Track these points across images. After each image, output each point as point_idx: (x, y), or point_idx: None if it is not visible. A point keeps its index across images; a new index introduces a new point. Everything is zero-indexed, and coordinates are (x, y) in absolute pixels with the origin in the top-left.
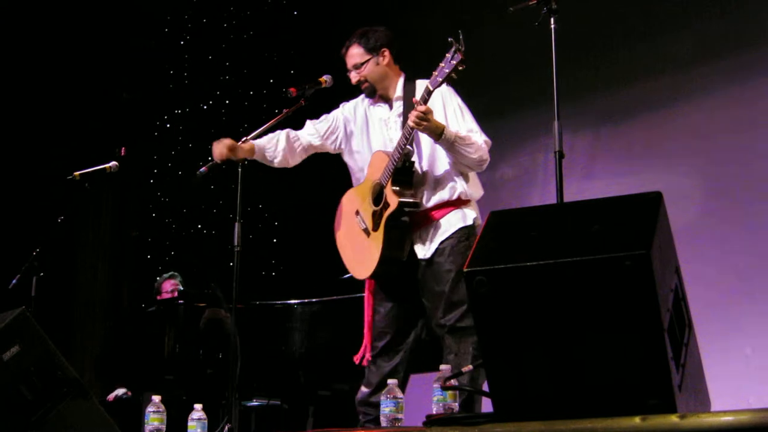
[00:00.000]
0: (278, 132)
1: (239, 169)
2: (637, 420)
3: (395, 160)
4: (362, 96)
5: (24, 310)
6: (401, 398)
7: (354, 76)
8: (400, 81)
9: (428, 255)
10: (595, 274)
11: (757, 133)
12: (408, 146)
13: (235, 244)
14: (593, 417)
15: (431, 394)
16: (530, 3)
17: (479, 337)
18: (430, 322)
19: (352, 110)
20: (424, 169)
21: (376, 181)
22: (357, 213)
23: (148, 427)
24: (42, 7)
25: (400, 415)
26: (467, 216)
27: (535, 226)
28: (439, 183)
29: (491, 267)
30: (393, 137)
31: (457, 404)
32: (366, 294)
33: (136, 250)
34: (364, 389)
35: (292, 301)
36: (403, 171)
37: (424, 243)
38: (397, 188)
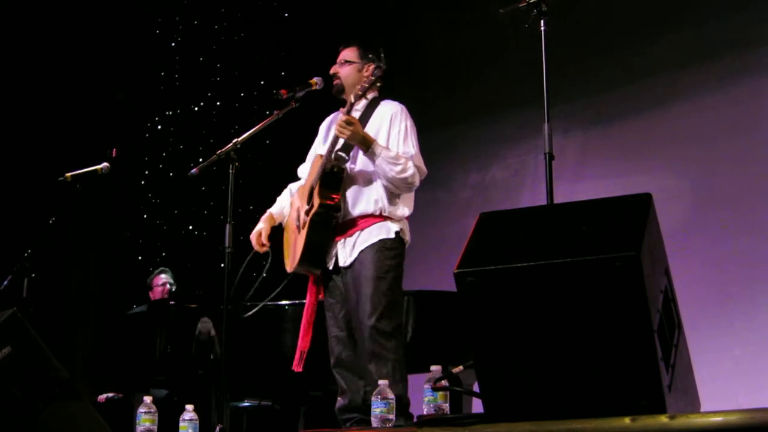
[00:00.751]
0: (285, 192)
1: (230, 171)
2: (626, 420)
3: (323, 165)
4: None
5: (15, 312)
6: (392, 399)
7: (334, 68)
8: (372, 95)
9: (348, 263)
10: (585, 275)
11: (748, 135)
12: (340, 153)
13: (227, 245)
14: (583, 417)
15: (422, 394)
16: (520, 5)
17: (471, 338)
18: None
19: (327, 124)
20: (356, 179)
21: (311, 183)
22: (297, 209)
23: (139, 428)
24: (34, 8)
25: (391, 416)
26: (390, 229)
27: (525, 228)
28: (365, 195)
29: (481, 268)
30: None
31: (447, 405)
32: (308, 296)
33: (128, 251)
34: (341, 399)
35: (283, 302)
36: (331, 175)
37: (345, 250)
38: (323, 191)
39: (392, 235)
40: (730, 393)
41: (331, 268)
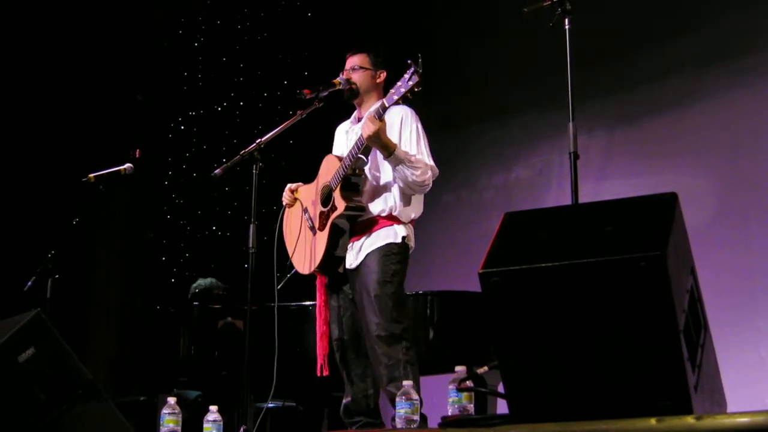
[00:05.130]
0: None
1: (254, 171)
2: (652, 421)
3: (345, 167)
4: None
5: (39, 312)
6: (416, 400)
7: (346, 74)
8: (379, 102)
9: (354, 265)
10: (610, 275)
11: None
12: (361, 156)
13: (250, 245)
14: (609, 418)
15: (446, 395)
16: (544, 4)
17: (495, 339)
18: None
19: (343, 129)
20: (371, 180)
21: (326, 184)
22: (305, 210)
23: (163, 429)
24: (56, 8)
25: (415, 417)
26: (397, 233)
27: (550, 228)
28: (378, 197)
29: (506, 268)
30: (350, 146)
31: (472, 405)
32: (318, 298)
33: (151, 251)
34: (345, 399)
35: (307, 303)
36: (353, 178)
37: (353, 253)
38: (346, 193)
39: (399, 240)
40: (757, 394)
41: (342, 272)
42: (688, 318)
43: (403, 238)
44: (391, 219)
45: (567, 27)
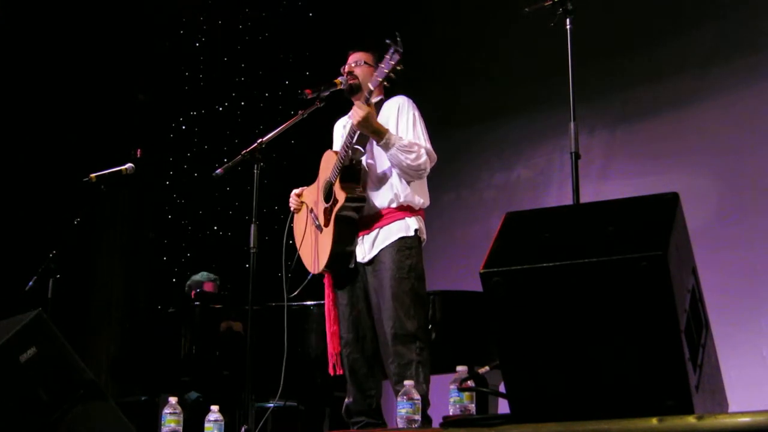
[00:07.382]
0: None
1: (255, 171)
2: (654, 421)
3: (342, 158)
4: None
5: (40, 312)
6: (418, 400)
7: (349, 68)
8: (378, 98)
9: (366, 259)
10: (612, 275)
11: None
12: (356, 146)
13: (251, 245)
14: (610, 418)
15: (448, 395)
16: (546, 4)
17: (497, 339)
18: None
19: (341, 125)
20: (372, 172)
21: (327, 179)
22: (311, 210)
23: (164, 429)
24: (57, 8)
25: (417, 417)
26: (410, 227)
27: (551, 227)
28: (382, 187)
29: (507, 268)
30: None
31: (474, 405)
32: (327, 297)
33: (152, 251)
34: (347, 399)
35: (308, 303)
36: (350, 168)
37: (364, 247)
38: (345, 184)
39: (411, 233)
40: (758, 393)
41: (352, 267)
42: (690, 318)
43: (416, 231)
44: (401, 210)
45: (568, 27)
